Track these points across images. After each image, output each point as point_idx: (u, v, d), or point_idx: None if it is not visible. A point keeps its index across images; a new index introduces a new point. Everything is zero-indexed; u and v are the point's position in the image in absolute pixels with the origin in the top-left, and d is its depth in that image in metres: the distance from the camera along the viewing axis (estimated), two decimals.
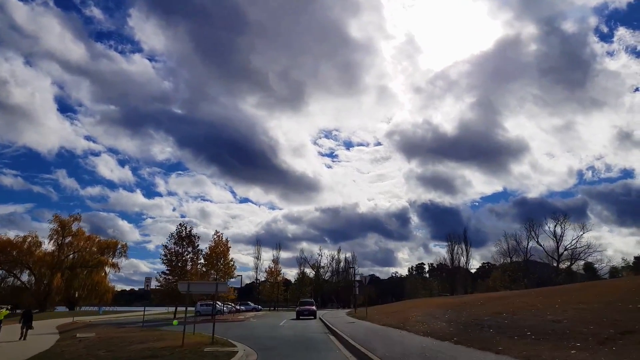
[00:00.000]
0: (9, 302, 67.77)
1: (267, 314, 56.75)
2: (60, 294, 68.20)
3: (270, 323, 34.08)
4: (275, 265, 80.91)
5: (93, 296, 73.15)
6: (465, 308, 23.02)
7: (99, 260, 71.16)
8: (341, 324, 26.30)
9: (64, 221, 68.53)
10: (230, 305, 53.23)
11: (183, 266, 43.12)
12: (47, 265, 66.65)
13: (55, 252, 67.77)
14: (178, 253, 43.86)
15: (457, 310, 22.59)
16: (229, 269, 39.99)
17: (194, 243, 44.24)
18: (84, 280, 70.38)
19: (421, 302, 44.04)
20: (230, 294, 40.10)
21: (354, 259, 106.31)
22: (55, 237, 68.23)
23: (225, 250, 40.16)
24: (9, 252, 63.01)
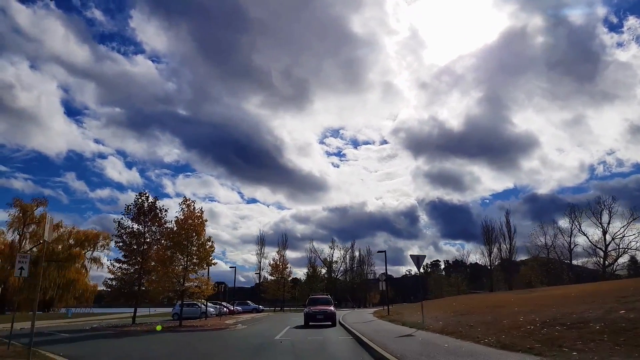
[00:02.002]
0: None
1: (268, 316, 44.07)
2: (19, 294, 56.08)
3: (262, 333, 21.65)
4: (281, 257, 68.08)
5: (68, 296, 61.42)
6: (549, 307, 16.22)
7: (71, 254, 58.82)
8: (394, 341, 13.53)
9: (25, 206, 56.53)
10: (217, 306, 40.75)
11: (144, 251, 30.67)
12: (5, 259, 54.61)
13: (15, 243, 55.73)
14: (138, 233, 31.42)
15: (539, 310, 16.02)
16: (203, 253, 27.30)
17: (160, 219, 31.76)
18: (53, 278, 57.85)
19: (463, 300, 36.81)
20: (205, 288, 27.45)
21: (369, 254, 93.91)
22: (15, 225, 56.22)
23: (198, 226, 27.51)
24: None
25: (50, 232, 12.55)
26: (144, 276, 30.26)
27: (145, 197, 32.01)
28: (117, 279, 31.13)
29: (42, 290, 56.56)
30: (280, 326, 27.06)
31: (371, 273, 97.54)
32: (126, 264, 31.05)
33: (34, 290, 56.81)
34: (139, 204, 31.74)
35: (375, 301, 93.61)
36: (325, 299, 26.30)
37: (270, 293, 65.12)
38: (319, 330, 21.97)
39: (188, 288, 27.44)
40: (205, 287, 27.53)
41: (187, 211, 28.04)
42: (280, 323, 30.43)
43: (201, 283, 27.61)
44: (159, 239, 31.04)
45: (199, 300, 34.09)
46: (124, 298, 31.07)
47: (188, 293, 27.92)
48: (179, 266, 27.49)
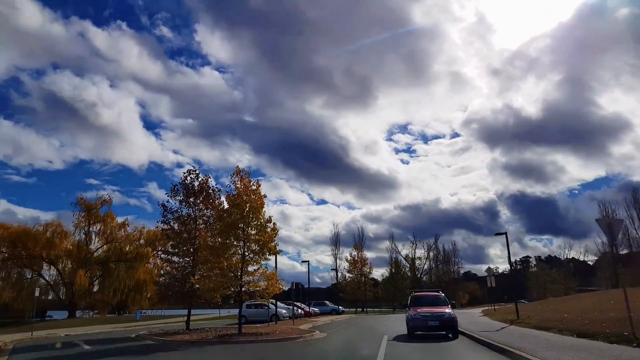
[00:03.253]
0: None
1: (350, 319, 36.73)
2: (87, 296, 53.52)
3: (349, 348, 14.66)
4: (359, 252, 60.45)
5: (140, 298, 58.29)
6: None
7: (139, 253, 55.23)
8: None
9: (89, 204, 53.79)
10: (291, 307, 34.13)
11: (196, 239, 24.62)
12: (74, 260, 52.15)
13: (82, 244, 53.18)
14: (188, 218, 25.43)
15: None
16: (264, 237, 20.51)
17: (213, 200, 25.56)
18: (123, 279, 54.52)
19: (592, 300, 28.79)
20: (272, 285, 20.67)
21: (455, 249, 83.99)
22: (81, 225, 53.69)
23: (255, 202, 20.81)
24: (25, 244, 48.87)
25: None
26: (196, 270, 24.20)
27: (194, 175, 25.99)
28: (167, 274, 25.34)
29: (112, 291, 53.72)
30: (370, 335, 19.55)
31: (455, 272, 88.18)
32: (176, 256, 25.16)
33: (102, 291, 54.14)
34: (187, 183, 25.77)
35: (464, 301, 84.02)
36: (438, 298, 18.24)
37: (350, 292, 57.66)
38: (438, 347, 14.23)
39: (248, 284, 20.83)
40: (270, 282, 20.73)
41: (240, 185, 21.46)
42: (369, 331, 22.93)
43: (264, 277, 20.85)
44: (212, 225, 24.85)
45: (265, 300, 27.49)
46: (173, 298, 25.16)
47: (248, 291, 21.33)
48: (235, 256, 20.95)
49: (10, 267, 49.06)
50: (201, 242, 22.73)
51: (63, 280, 52.56)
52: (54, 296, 53.90)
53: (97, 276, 54.00)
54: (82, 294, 52.45)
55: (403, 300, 61.93)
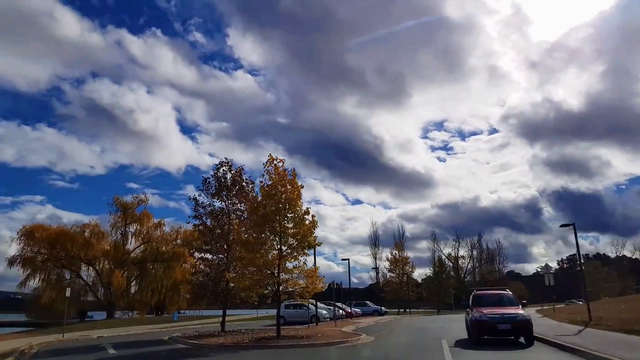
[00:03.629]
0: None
1: (395, 321, 34.35)
2: (125, 296, 53.23)
3: (406, 357, 12.21)
4: (400, 250, 57.77)
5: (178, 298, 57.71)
6: None
7: (175, 253, 54.54)
8: None
9: (125, 204, 53.48)
10: (331, 308, 32.15)
11: (227, 234, 22.99)
12: (111, 260, 51.98)
13: (119, 244, 52.96)
14: (221, 213, 23.85)
15: None
16: (302, 230, 18.55)
17: (246, 194, 23.83)
18: (160, 279, 53.94)
19: None
20: (313, 283, 18.69)
21: (499, 247, 79.90)
22: (118, 225, 53.47)
23: (292, 193, 18.88)
24: (63, 245, 48.96)
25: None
26: (230, 268, 22.54)
27: (226, 167, 24.34)
28: (200, 273, 23.80)
29: (151, 291, 53.26)
30: (425, 340, 17.25)
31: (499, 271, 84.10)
32: (209, 253, 23.60)
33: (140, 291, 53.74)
34: (219, 176, 24.16)
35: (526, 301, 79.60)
36: (506, 297, 15.67)
37: (391, 293, 55.01)
38: (517, 357, 11.86)
39: (286, 282, 18.93)
40: (310, 280, 18.73)
41: (274, 174, 19.57)
42: (422, 334, 20.59)
43: (304, 275, 18.88)
44: (246, 220, 23.15)
45: (306, 300, 25.52)
46: (208, 297, 23.56)
47: (287, 289, 19.42)
48: (271, 251, 19.10)
49: (50, 268, 49.27)
50: (235, 237, 20.99)
51: (101, 280, 52.43)
52: (92, 297, 53.88)
53: (134, 276, 53.61)
54: (120, 294, 52.15)
55: (448, 301, 59.04)
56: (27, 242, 47.74)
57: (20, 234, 47.89)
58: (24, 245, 47.26)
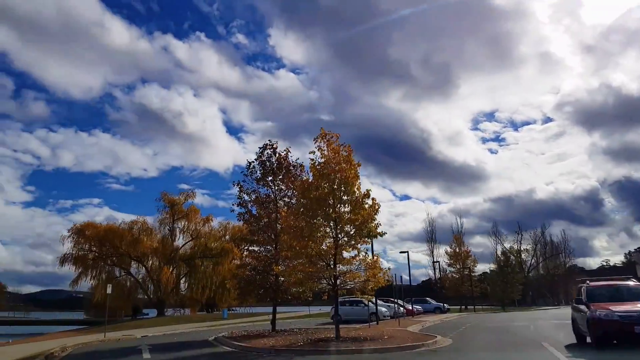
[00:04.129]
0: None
1: (464, 319, 30.78)
2: (174, 293, 52.41)
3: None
4: (459, 244, 53.52)
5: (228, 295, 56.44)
6: None
7: (224, 249, 53.15)
8: None
9: (172, 199, 52.59)
10: (391, 305, 29.13)
11: (275, 223, 20.48)
12: (160, 257, 51.20)
13: (167, 240, 52.13)
14: (267, 200, 21.38)
15: None
16: (361, 215, 15.61)
17: (294, 178, 21.23)
18: (209, 275, 52.73)
19: None
20: (376, 276, 15.73)
21: (565, 239, 73.57)
22: (166, 221, 52.67)
23: (348, 171, 15.99)
24: (112, 242, 48.58)
25: None
26: (279, 261, 20.02)
27: (271, 149, 21.80)
28: (247, 266, 21.41)
29: (201, 288, 52.21)
30: (520, 343, 13.95)
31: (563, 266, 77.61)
32: (255, 244, 21.17)
33: (190, 288, 52.74)
34: (263, 160, 21.67)
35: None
36: (635, 289, 12.22)
37: (451, 289, 50.89)
38: None
39: (344, 275, 16.14)
40: (372, 272, 15.80)
41: (327, 151, 16.78)
42: (510, 336, 17.15)
43: (365, 266, 15.99)
44: (295, 206, 20.56)
45: (364, 296, 22.60)
46: (255, 293, 21.08)
47: (345, 284, 16.62)
48: (325, 240, 16.36)
49: (100, 266, 49.06)
50: (283, 225, 18.43)
51: (151, 277, 51.75)
52: (143, 294, 53.46)
53: (183, 273, 52.64)
54: (170, 291, 51.40)
55: (515, 297, 54.35)
56: (78, 240, 47.67)
57: (71, 232, 47.93)
58: (74, 243, 47.28)
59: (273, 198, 21.51)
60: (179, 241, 53.35)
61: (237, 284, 21.16)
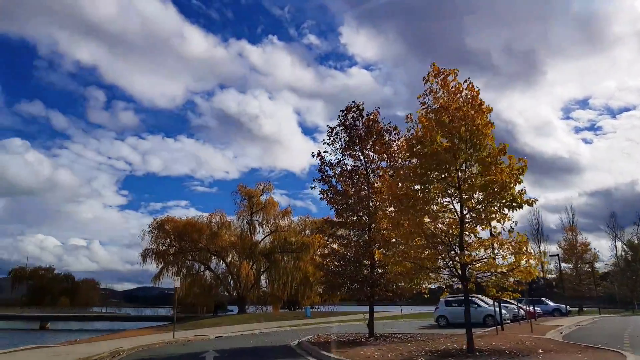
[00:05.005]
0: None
1: (603, 324, 24.41)
2: (255, 289, 50.02)
3: None
4: (573, 233, 45.63)
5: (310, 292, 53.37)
6: None
7: (304, 243, 49.97)
8: None
9: (249, 191, 50.31)
10: (507, 306, 23.72)
11: (366, 201, 16.20)
12: (239, 251, 49.07)
13: (246, 234, 49.90)
14: (354, 173, 17.09)
15: None
16: (502, 176, 10.68)
17: (388, 145, 16.78)
18: (290, 271, 49.75)
19: None
20: (523, 267, 10.72)
21: None
22: (244, 214, 50.50)
23: (477, 118, 11.12)
24: (191, 236, 47.17)
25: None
26: (375, 248, 15.68)
27: (357, 112, 17.40)
28: (334, 255, 17.22)
29: (282, 285, 49.41)
30: None
31: None
32: (343, 228, 16.94)
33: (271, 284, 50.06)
34: (348, 125, 17.35)
35: None
36: None
37: (569, 288, 43.22)
38: None
39: (475, 263, 11.45)
40: (519, 258, 10.92)
41: (443, 93, 12.15)
42: None
43: (510, 249, 11.14)
44: (392, 178, 16.10)
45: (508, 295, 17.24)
46: (347, 288, 16.76)
47: (474, 274, 11.89)
48: (444, 215, 11.75)
49: (181, 261, 47.87)
50: (386, 196, 14.07)
51: (230, 273, 49.78)
52: (223, 290, 51.72)
53: (263, 269, 50.04)
54: (250, 287, 49.11)
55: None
56: (158, 235, 46.82)
57: (151, 227, 47.26)
58: (155, 237, 46.44)
59: (363, 170, 17.18)
60: (258, 235, 51.06)
61: (322, 277, 17.00)
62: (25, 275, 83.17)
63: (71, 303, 79.86)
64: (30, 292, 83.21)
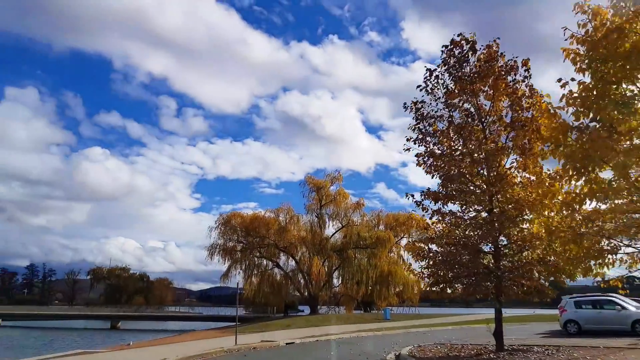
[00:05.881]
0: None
1: None
2: (327, 288, 46.35)
3: None
4: None
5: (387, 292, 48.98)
6: None
7: (379, 238, 45.66)
8: None
9: (318, 182, 46.76)
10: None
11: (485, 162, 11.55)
12: (309, 247, 45.67)
13: (315, 228, 46.41)
14: (464, 126, 12.42)
15: None
16: None
17: (513, 86, 11.99)
18: (365, 269, 45.57)
19: None
20: None
21: None
22: (313, 207, 47.04)
23: None
24: (258, 231, 44.45)
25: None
26: (506, 225, 11.10)
27: (468, 45, 12.74)
28: (442, 238, 12.68)
29: (356, 283, 45.44)
30: None
31: None
32: (452, 201, 12.39)
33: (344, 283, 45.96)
34: (453, 64, 12.74)
35: None
36: None
37: None
38: None
39: None
40: None
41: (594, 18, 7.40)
42: None
43: None
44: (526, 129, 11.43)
45: None
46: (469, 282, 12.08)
47: None
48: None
49: (249, 258, 45.27)
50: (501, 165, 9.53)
51: (301, 270, 46.46)
52: (293, 290, 48.51)
53: (335, 266, 46.17)
54: (322, 286, 45.50)
55: None
56: (225, 231, 44.59)
57: (218, 223, 45.17)
58: (221, 233, 44.24)
59: (476, 125, 12.57)
60: (328, 230, 47.42)
61: (427, 266, 12.50)
62: (103, 275, 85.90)
63: (146, 302, 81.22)
64: (108, 292, 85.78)
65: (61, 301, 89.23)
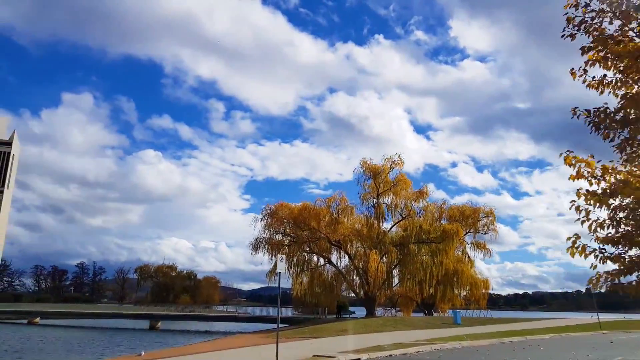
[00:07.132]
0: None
1: None
2: (386, 288, 40.80)
3: None
4: None
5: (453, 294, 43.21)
6: None
7: (445, 231, 39.64)
8: None
9: (375, 167, 41.25)
10: None
11: None
12: (365, 241, 40.17)
13: (372, 220, 40.97)
14: None
15: None
16: None
17: None
18: (428, 267, 39.53)
19: None
20: None
21: None
22: (370, 197, 41.58)
23: None
24: (308, 223, 39.55)
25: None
26: None
27: None
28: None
29: (417, 283, 39.58)
30: None
31: None
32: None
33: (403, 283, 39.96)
34: None
35: None
36: None
37: None
38: None
39: None
40: None
41: None
42: None
43: None
44: None
45: None
46: None
47: None
48: None
49: (298, 254, 40.40)
50: None
51: (355, 267, 41.03)
52: (347, 289, 43.13)
53: (394, 263, 40.42)
54: (380, 285, 39.90)
55: None
56: (271, 223, 39.97)
57: (264, 214, 40.63)
58: (267, 225, 39.66)
59: None
60: (386, 222, 41.77)
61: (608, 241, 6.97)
62: (150, 274, 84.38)
63: (192, 300, 78.73)
64: (155, 290, 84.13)
65: (110, 299, 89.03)
